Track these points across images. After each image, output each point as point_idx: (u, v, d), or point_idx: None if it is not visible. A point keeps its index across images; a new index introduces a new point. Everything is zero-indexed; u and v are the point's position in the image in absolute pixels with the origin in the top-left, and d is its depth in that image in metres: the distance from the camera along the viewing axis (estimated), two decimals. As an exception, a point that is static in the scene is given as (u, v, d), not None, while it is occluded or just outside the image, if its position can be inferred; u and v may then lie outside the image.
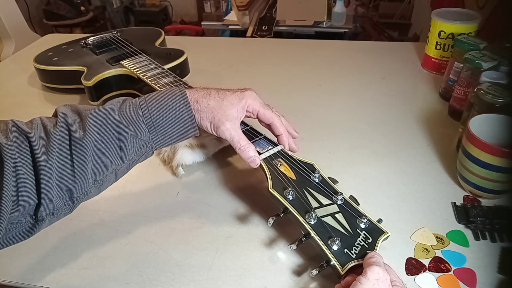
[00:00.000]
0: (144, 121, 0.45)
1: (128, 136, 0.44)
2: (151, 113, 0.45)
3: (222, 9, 2.94)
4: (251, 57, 1.01)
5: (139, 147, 0.45)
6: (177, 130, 0.47)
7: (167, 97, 0.47)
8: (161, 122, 0.45)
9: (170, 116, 0.46)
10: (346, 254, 0.40)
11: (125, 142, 0.44)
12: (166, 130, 0.46)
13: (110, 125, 0.43)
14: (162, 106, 0.46)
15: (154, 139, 0.46)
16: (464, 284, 0.43)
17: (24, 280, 0.46)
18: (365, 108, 0.77)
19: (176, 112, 0.46)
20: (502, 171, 0.49)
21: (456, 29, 0.80)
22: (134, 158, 0.46)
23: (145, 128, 0.45)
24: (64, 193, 0.42)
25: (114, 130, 0.43)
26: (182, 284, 0.45)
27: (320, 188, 0.46)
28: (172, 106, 0.46)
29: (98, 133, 0.42)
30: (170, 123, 0.46)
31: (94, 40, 0.88)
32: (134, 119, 0.44)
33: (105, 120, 0.43)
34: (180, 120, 0.46)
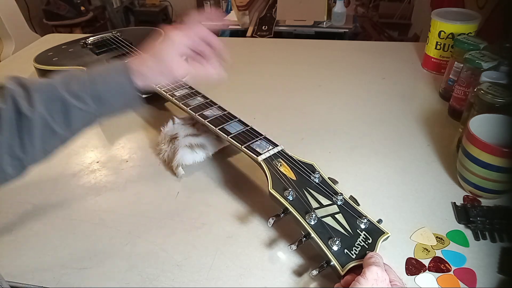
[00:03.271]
0: (90, 95, 0.47)
1: (75, 110, 0.46)
2: (96, 87, 0.47)
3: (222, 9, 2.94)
4: (251, 57, 1.01)
5: (85, 118, 0.48)
6: (123, 102, 0.50)
7: (111, 71, 0.49)
8: (106, 95, 0.48)
9: (114, 89, 0.48)
10: (346, 255, 0.40)
11: (72, 115, 0.46)
12: (110, 103, 0.49)
13: (56, 100, 0.45)
14: (107, 80, 0.48)
15: (100, 111, 0.48)
16: (464, 284, 0.43)
17: (24, 280, 0.46)
18: (365, 108, 0.77)
19: (120, 86, 0.49)
20: (502, 171, 0.49)
21: (456, 29, 0.80)
22: (81, 127, 0.49)
23: (91, 101, 0.47)
24: (14, 161, 0.44)
25: (61, 105, 0.45)
26: (182, 284, 0.45)
27: (320, 189, 0.46)
28: (116, 80, 0.49)
29: (45, 108, 0.44)
30: (114, 95, 0.49)
31: (94, 40, 0.88)
32: (79, 94, 0.46)
33: (51, 94, 0.45)
34: (124, 92, 0.49)
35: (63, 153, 0.68)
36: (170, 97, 0.65)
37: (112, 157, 0.67)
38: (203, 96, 0.65)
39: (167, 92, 0.66)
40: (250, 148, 0.52)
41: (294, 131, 0.70)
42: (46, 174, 0.63)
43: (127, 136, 0.72)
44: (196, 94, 0.65)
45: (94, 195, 0.58)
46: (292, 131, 0.70)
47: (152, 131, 0.72)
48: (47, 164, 0.65)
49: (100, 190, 0.59)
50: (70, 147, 0.69)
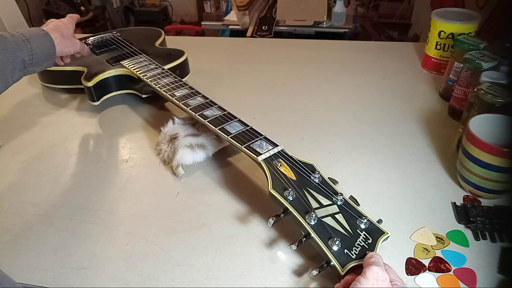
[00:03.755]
0: (28, 50, 0.58)
1: (19, 61, 0.57)
2: (31, 45, 0.59)
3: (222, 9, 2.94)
4: (251, 57, 1.01)
5: (21, 70, 0.58)
6: (43, 61, 0.62)
7: (38, 34, 0.61)
8: (38, 53, 0.60)
9: (44, 50, 0.61)
10: (346, 255, 0.40)
11: (16, 65, 0.57)
12: (39, 60, 0.61)
13: (9, 49, 0.55)
14: (39, 41, 0.60)
15: (29, 66, 0.59)
16: (464, 284, 0.43)
17: (24, 280, 0.46)
18: (365, 108, 0.77)
19: (46, 47, 0.62)
20: (502, 171, 0.49)
21: (456, 29, 0.80)
22: (16, 80, 0.59)
23: (28, 56, 0.58)
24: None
25: (12, 54, 0.55)
26: (182, 284, 0.45)
27: (320, 189, 0.46)
28: (43, 41, 0.61)
29: (1, 55, 0.54)
30: (42, 54, 0.61)
31: (94, 40, 0.88)
32: (23, 48, 0.57)
33: (6, 45, 0.55)
34: (47, 53, 0.62)
35: (63, 153, 0.68)
36: (170, 97, 0.65)
37: (112, 157, 0.67)
38: (203, 96, 0.65)
39: (167, 92, 0.66)
40: (250, 148, 0.52)
41: (294, 131, 0.70)
42: (46, 174, 0.63)
43: (127, 136, 0.72)
44: (196, 94, 0.65)
45: (94, 195, 0.58)
46: (292, 131, 0.71)
47: (152, 131, 0.72)
48: (47, 164, 0.65)
49: (100, 190, 0.59)
50: (70, 147, 0.69)
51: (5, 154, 0.68)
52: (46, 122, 0.77)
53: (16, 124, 0.77)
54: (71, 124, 0.76)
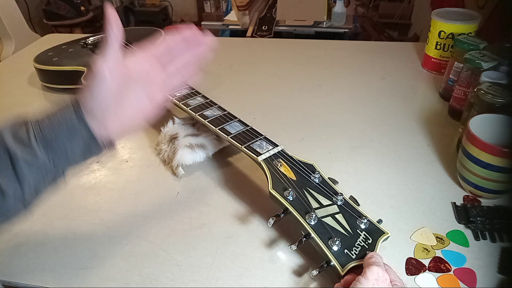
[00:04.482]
0: (38, 144, 0.38)
1: (21, 164, 0.38)
2: (44, 134, 0.38)
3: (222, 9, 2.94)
4: (251, 57, 1.01)
5: (40, 173, 0.39)
6: (78, 147, 0.40)
7: (58, 112, 0.40)
8: (56, 141, 0.39)
9: (64, 131, 0.39)
10: (346, 255, 0.40)
11: (19, 165, 0.38)
12: (65, 149, 0.39)
13: (1, 151, 0.38)
14: (54, 123, 0.39)
15: (56, 161, 0.39)
16: (464, 284, 0.43)
17: (24, 280, 0.46)
18: (365, 108, 0.77)
19: (69, 126, 0.39)
20: (502, 171, 0.49)
21: (456, 29, 0.80)
22: (40, 185, 0.40)
23: (41, 152, 0.38)
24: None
25: (4, 153, 0.38)
26: (182, 284, 0.45)
27: (320, 189, 0.46)
28: (64, 120, 0.39)
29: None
30: (66, 140, 0.39)
31: (94, 40, 0.88)
32: (26, 143, 0.38)
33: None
34: (76, 134, 0.39)
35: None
36: (170, 97, 0.65)
37: (112, 157, 0.67)
38: (203, 96, 0.65)
39: (167, 92, 0.66)
40: (250, 148, 0.52)
41: (294, 131, 0.70)
42: (46, 174, 0.63)
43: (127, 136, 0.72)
44: (196, 94, 0.65)
45: (94, 195, 0.58)
46: (292, 131, 0.71)
47: (152, 131, 0.72)
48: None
49: (100, 190, 0.59)
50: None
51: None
52: (46, 122, 0.77)
53: (16, 124, 0.77)
54: (71, 124, 0.76)
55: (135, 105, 0.42)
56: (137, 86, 0.42)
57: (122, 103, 0.41)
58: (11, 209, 0.40)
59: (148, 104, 0.43)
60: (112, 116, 0.41)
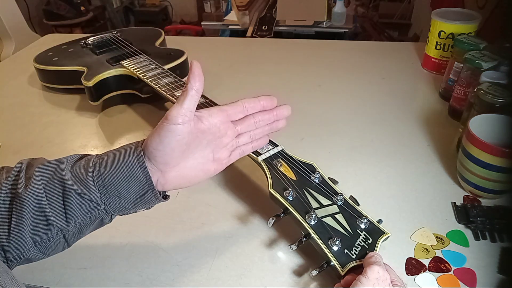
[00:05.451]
0: (94, 179, 0.38)
1: (72, 195, 0.37)
2: (101, 170, 0.38)
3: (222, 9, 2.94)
4: (251, 57, 1.01)
5: (89, 209, 0.39)
6: (133, 191, 0.39)
7: (120, 152, 0.40)
8: (112, 180, 0.38)
9: (122, 173, 0.38)
10: (346, 255, 0.40)
11: (70, 201, 0.37)
12: (119, 191, 0.38)
13: (56, 180, 0.38)
14: (114, 162, 0.39)
15: (107, 201, 0.39)
16: (464, 284, 0.43)
17: (24, 280, 0.46)
18: (365, 108, 0.77)
19: (128, 169, 0.38)
20: (502, 171, 0.49)
21: (456, 29, 0.80)
22: (85, 222, 0.39)
23: (94, 187, 0.38)
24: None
25: (60, 187, 0.38)
26: (182, 284, 0.45)
27: (320, 189, 0.46)
28: (124, 162, 0.38)
29: (43, 188, 0.37)
30: (122, 182, 0.38)
31: (94, 40, 0.88)
32: (82, 176, 0.38)
33: (53, 174, 0.38)
34: (134, 178, 0.38)
35: (63, 153, 0.68)
36: (170, 97, 0.65)
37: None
38: (203, 96, 0.65)
39: (167, 92, 0.66)
40: (250, 148, 0.52)
41: (294, 131, 0.70)
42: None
43: (127, 136, 0.72)
44: (196, 94, 0.65)
45: (94, 195, 0.58)
46: (292, 131, 0.70)
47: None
48: (47, 164, 0.65)
49: (100, 190, 0.59)
50: (70, 147, 0.69)
51: (5, 154, 0.68)
52: (46, 122, 0.77)
53: (16, 124, 0.77)
54: (71, 124, 0.76)
55: (200, 160, 0.42)
56: (206, 142, 0.42)
57: (188, 157, 0.41)
58: (52, 242, 0.39)
59: (212, 161, 0.43)
60: (174, 168, 0.40)
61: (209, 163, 0.43)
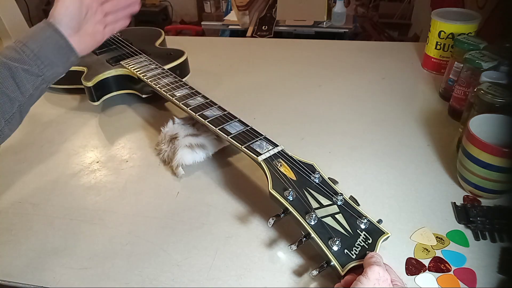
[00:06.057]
0: (28, 56, 0.49)
1: (20, 72, 0.48)
2: (30, 48, 0.49)
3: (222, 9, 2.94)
4: (251, 57, 1.01)
5: (34, 82, 0.50)
6: (60, 57, 0.52)
7: (37, 32, 0.51)
8: (42, 52, 0.50)
9: (47, 44, 0.50)
10: (346, 255, 0.40)
11: (20, 78, 0.48)
12: (51, 59, 0.51)
13: (1, 67, 0.47)
14: (37, 39, 0.50)
15: (44, 71, 0.50)
16: (464, 284, 0.43)
17: (24, 280, 0.46)
18: (365, 108, 0.77)
19: (51, 39, 0.51)
20: (502, 171, 0.49)
21: (456, 29, 0.80)
22: (34, 94, 0.51)
23: (32, 62, 0.49)
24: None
25: (5, 70, 0.47)
26: (182, 284, 0.45)
27: (320, 189, 0.46)
28: (44, 36, 0.51)
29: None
30: (50, 51, 0.50)
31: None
32: (17, 57, 0.48)
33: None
34: (57, 46, 0.51)
35: (63, 153, 0.68)
36: (170, 97, 0.65)
37: (112, 157, 0.67)
38: (203, 96, 0.65)
39: (167, 92, 0.66)
40: (250, 148, 0.52)
41: (294, 131, 0.70)
42: (46, 174, 0.63)
43: (127, 136, 0.72)
44: (196, 94, 0.65)
45: (94, 195, 0.58)
46: (292, 131, 0.71)
47: (152, 131, 0.72)
48: (47, 164, 0.65)
49: (100, 190, 0.59)
50: (70, 147, 0.69)
51: (5, 154, 0.68)
52: (46, 122, 0.77)
53: (16, 124, 0.77)
54: (71, 124, 0.76)
55: (88, 31, 0.56)
56: (87, 16, 0.56)
57: (82, 27, 0.55)
58: (14, 117, 0.49)
59: (97, 32, 0.57)
60: (77, 33, 0.54)
61: (96, 34, 0.58)
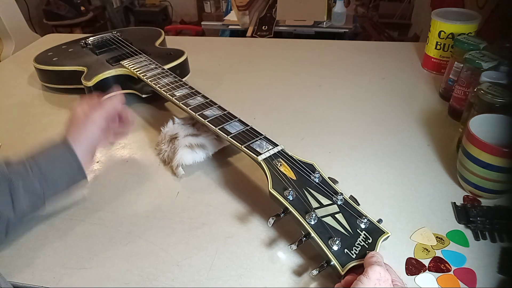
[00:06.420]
0: (34, 174, 0.47)
1: (19, 189, 0.46)
2: (39, 166, 0.48)
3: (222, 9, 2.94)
4: (251, 57, 1.01)
5: (31, 199, 0.47)
6: (66, 178, 0.50)
7: (51, 148, 0.50)
8: (49, 171, 0.48)
9: (58, 164, 0.49)
10: (346, 254, 0.40)
11: (17, 195, 0.46)
12: (55, 179, 0.49)
13: (1, 179, 0.46)
14: (50, 157, 0.49)
15: (45, 190, 0.48)
16: (464, 284, 0.43)
17: (24, 280, 0.46)
18: (365, 108, 0.77)
19: (62, 160, 0.49)
20: (502, 171, 0.49)
21: (456, 29, 0.80)
22: (27, 212, 0.48)
23: (35, 179, 0.47)
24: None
25: (6, 184, 0.46)
26: (182, 284, 0.45)
27: (320, 188, 0.46)
28: (58, 156, 0.49)
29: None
30: (58, 171, 0.49)
31: (94, 40, 0.88)
32: (23, 172, 0.47)
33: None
34: (68, 167, 0.50)
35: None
36: (170, 97, 0.65)
37: (112, 157, 0.67)
38: (203, 96, 0.65)
39: (167, 92, 0.66)
40: (250, 147, 0.52)
41: (294, 131, 0.70)
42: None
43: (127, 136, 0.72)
44: (196, 94, 0.65)
45: (94, 195, 0.58)
46: (292, 131, 0.71)
47: (152, 131, 0.72)
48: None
49: (100, 190, 0.59)
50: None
51: (5, 154, 0.68)
52: (46, 122, 0.77)
53: (16, 124, 0.77)
54: (71, 124, 0.76)
55: (100, 144, 0.57)
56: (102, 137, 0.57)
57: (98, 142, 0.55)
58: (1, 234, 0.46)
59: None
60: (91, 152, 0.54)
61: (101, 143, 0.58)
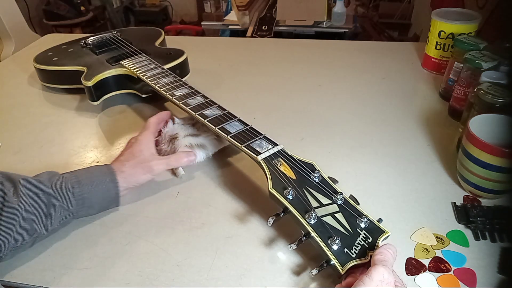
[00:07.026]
0: (74, 195, 0.49)
1: (56, 207, 0.48)
2: (82, 188, 0.49)
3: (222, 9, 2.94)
4: (251, 57, 1.01)
5: (64, 217, 0.49)
6: (101, 205, 0.52)
7: (96, 173, 0.52)
8: (90, 196, 0.50)
9: (98, 191, 0.51)
10: (346, 254, 0.40)
11: (53, 212, 0.47)
12: (92, 204, 0.51)
13: (42, 194, 0.47)
14: (93, 182, 0.51)
15: (79, 211, 0.50)
16: (464, 284, 0.43)
17: (24, 280, 0.46)
18: (365, 108, 0.77)
19: (104, 188, 0.51)
20: (502, 171, 0.49)
21: (456, 29, 0.80)
22: (56, 228, 0.50)
23: (74, 201, 0.49)
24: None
25: (45, 200, 0.47)
26: (182, 284, 0.45)
27: (320, 188, 0.46)
28: (101, 182, 0.51)
29: (31, 201, 0.46)
30: (97, 197, 0.51)
31: (94, 40, 0.88)
32: (64, 192, 0.48)
33: (38, 189, 0.47)
34: (107, 195, 0.52)
35: (63, 153, 0.68)
36: (170, 97, 0.65)
37: (112, 157, 0.66)
38: (203, 95, 0.65)
39: (166, 92, 0.66)
40: (250, 147, 0.52)
41: (294, 131, 0.70)
42: (46, 174, 0.63)
43: (127, 136, 0.72)
44: (196, 94, 0.65)
45: (94, 195, 0.58)
46: (292, 131, 0.71)
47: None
48: (47, 164, 0.65)
49: (100, 190, 0.59)
50: (70, 147, 0.69)
51: (5, 154, 0.68)
52: (46, 122, 0.77)
53: (16, 124, 0.77)
54: (71, 124, 0.76)
55: (153, 164, 0.56)
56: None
57: (146, 163, 0.56)
58: (24, 245, 0.47)
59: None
60: (137, 173, 0.55)
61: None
